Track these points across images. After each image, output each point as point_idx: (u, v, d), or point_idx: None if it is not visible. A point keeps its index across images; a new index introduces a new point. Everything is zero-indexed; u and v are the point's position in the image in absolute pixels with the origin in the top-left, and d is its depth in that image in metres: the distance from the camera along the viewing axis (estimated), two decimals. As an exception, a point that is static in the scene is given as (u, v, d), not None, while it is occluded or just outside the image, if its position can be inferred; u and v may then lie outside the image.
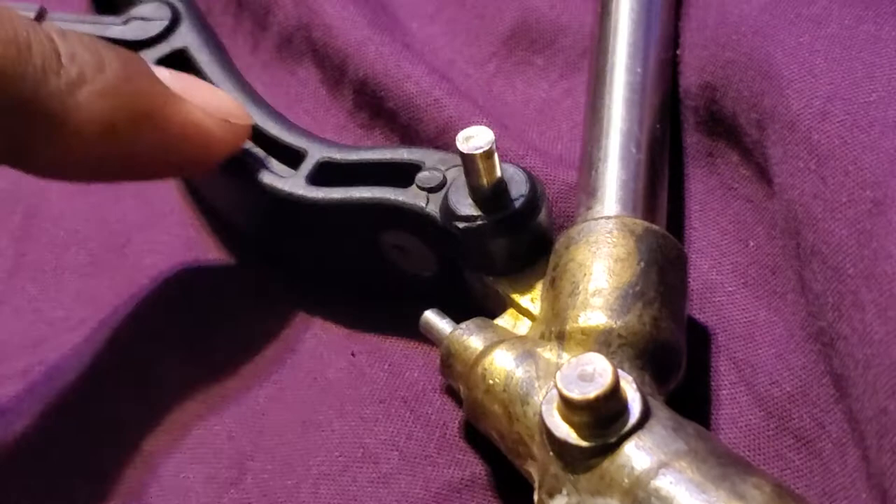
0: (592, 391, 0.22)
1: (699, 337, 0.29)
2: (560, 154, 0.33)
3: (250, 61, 0.39)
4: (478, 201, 0.28)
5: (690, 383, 0.27)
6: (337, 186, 0.30)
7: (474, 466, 0.28)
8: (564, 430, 0.23)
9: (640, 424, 0.23)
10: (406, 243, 0.30)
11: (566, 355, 0.25)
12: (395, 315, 0.31)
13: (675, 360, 0.26)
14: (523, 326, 0.28)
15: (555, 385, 0.23)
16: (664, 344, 0.25)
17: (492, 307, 0.29)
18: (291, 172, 0.31)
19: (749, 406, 0.27)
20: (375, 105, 0.35)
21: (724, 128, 0.31)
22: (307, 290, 0.33)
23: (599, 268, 0.26)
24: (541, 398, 0.24)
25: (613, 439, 0.23)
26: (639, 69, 0.31)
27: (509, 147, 0.32)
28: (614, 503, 0.22)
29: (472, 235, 0.28)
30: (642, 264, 0.26)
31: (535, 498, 0.24)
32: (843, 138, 0.26)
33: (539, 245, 0.28)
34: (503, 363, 0.26)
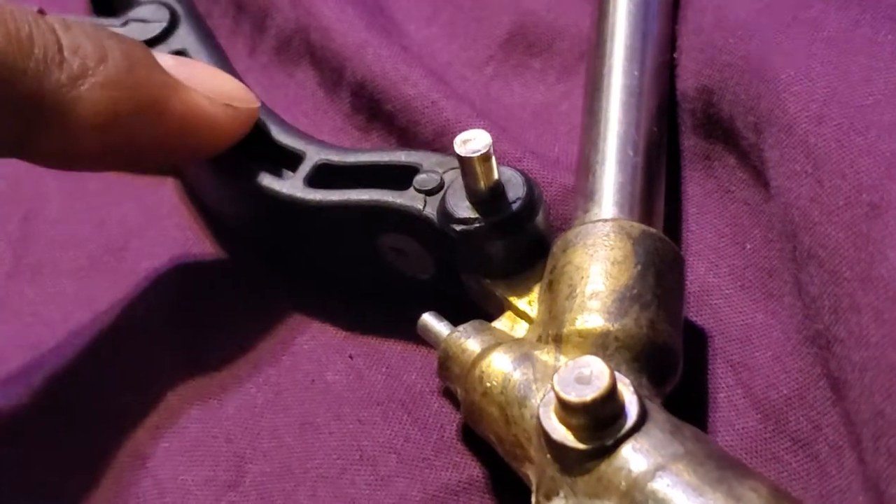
0: (589, 394, 0.22)
1: (696, 339, 0.29)
2: (557, 157, 0.33)
3: (249, 64, 0.39)
4: (475, 204, 0.28)
5: (687, 386, 0.27)
6: (335, 189, 0.30)
7: (472, 469, 0.28)
8: (562, 433, 0.23)
9: (637, 427, 0.23)
10: (404, 246, 0.30)
11: (563, 358, 0.25)
12: (393, 318, 0.31)
13: (672, 363, 0.26)
14: (521, 329, 0.28)
15: (552, 388, 0.23)
16: (661, 347, 0.25)
17: (489, 310, 0.29)
18: (289, 174, 0.31)
19: (746, 409, 0.27)
20: (373, 107, 0.35)
21: (721, 131, 0.31)
22: (305, 293, 0.33)
23: (596, 271, 0.26)
24: (538, 401, 0.24)
25: (610, 442, 0.23)
26: (636, 72, 0.31)
27: (507, 150, 0.32)
28: None
29: (470, 238, 0.28)
30: (639, 267, 0.26)
31: (533, 500, 0.24)
32: (840, 142, 0.26)
33: (536, 248, 0.28)
34: (501, 366, 0.26)
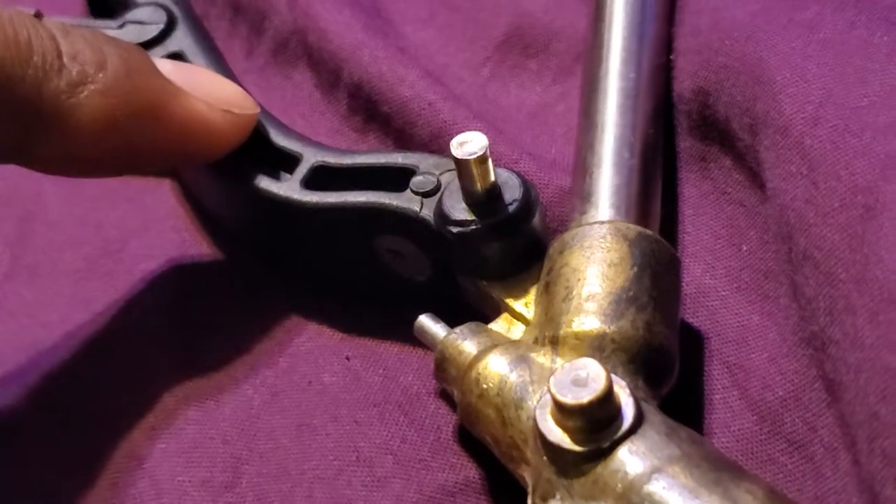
0: (586, 396, 0.22)
1: (692, 341, 0.29)
2: (554, 158, 0.33)
3: (246, 66, 0.39)
4: (472, 206, 0.28)
5: (683, 388, 0.27)
6: (331, 191, 0.30)
7: (468, 471, 0.28)
8: (558, 435, 0.23)
9: (634, 429, 0.23)
10: (400, 247, 0.30)
11: (560, 360, 0.25)
12: (390, 319, 0.31)
13: (669, 365, 0.26)
14: (517, 331, 0.28)
15: (548, 390, 0.23)
16: (657, 349, 0.25)
17: (486, 311, 0.29)
18: (286, 176, 0.31)
19: (742, 410, 0.27)
20: (370, 109, 0.35)
21: (718, 132, 0.31)
22: (302, 294, 0.33)
23: (593, 273, 0.26)
24: (535, 403, 0.24)
25: (607, 444, 0.23)
26: (632, 74, 0.31)
27: (503, 151, 0.32)
28: None
29: (466, 240, 0.28)
30: (636, 269, 0.26)
31: (529, 502, 0.24)
32: (835, 143, 0.26)
33: (533, 250, 0.28)
34: (497, 368, 0.26)
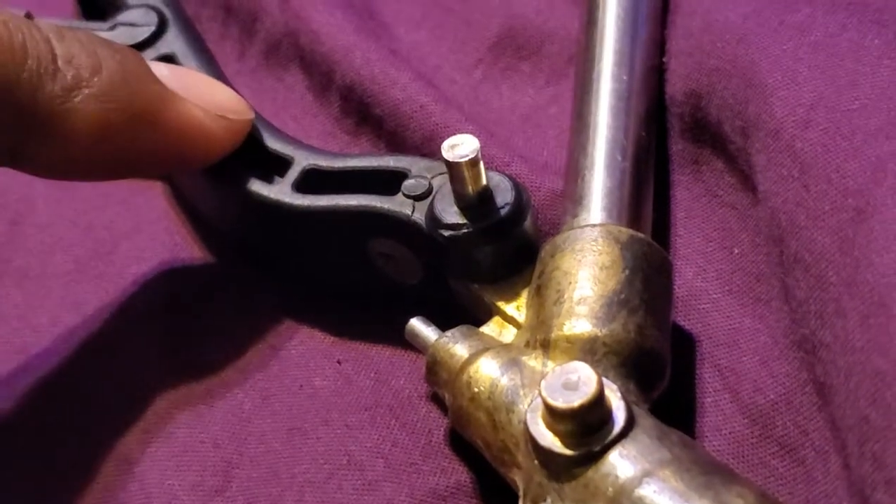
0: (577, 400, 0.22)
1: (684, 344, 0.29)
2: (546, 161, 0.33)
3: (238, 68, 0.39)
4: (463, 209, 0.28)
5: (675, 391, 0.27)
6: (323, 194, 0.30)
7: (459, 474, 0.28)
8: (549, 439, 0.23)
9: (625, 433, 0.23)
10: (392, 251, 0.30)
11: (551, 363, 0.25)
12: (382, 323, 0.31)
13: (660, 368, 0.26)
14: (509, 334, 0.28)
15: (539, 393, 0.23)
16: (649, 352, 0.25)
17: (477, 315, 0.29)
18: (278, 180, 0.31)
19: (733, 414, 0.27)
20: (362, 111, 0.35)
21: (710, 135, 0.32)
22: (294, 297, 0.33)
23: (584, 276, 0.26)
24: (526, 406, 0.24)
25: (598, 448, 0.23)
26: (625, 77, 0.31)
27: (495, 154, 0.32)
28: None
29: (458, 243, 0.28)
30: (627, 272, 0.26)
31: None
32: (826, 146, 0.26)
33: (525, 253, 0.28)
34: (488, 371, 0.26)
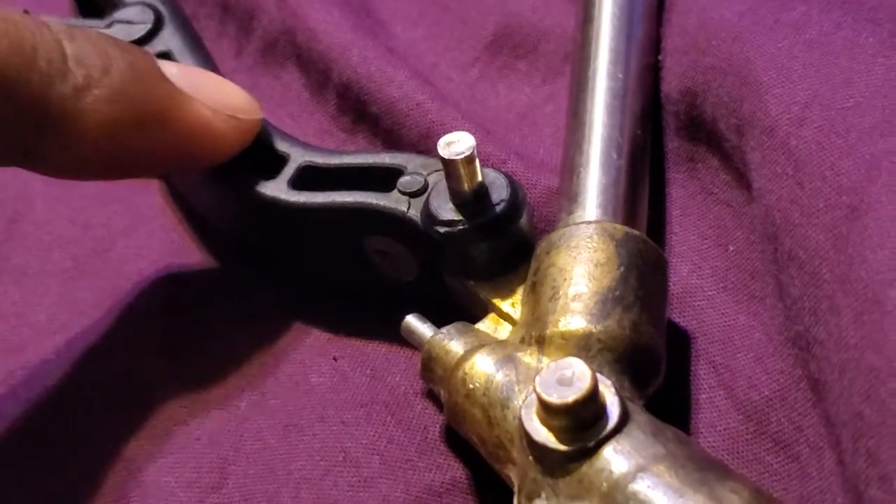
0: (571, 395, 0.22)
1: (679, 341, 0.29)
2: (542, 159, 0.34)
3: (234, 65, 0.39)
4: (459, 206, 0.28)
5: (670, 387, 0.27)
6: (319, 191, 0.30)
7: (455, 470, 0.28)
8: (543, 435, 0.23)
9: (619, 429, 0.23)
10: (388, 248, 0.30)
11: (546, 360, 0.25)
12: (378, 319, 0.31)
13: (655, 365, 0.26)
14: (504, 331, 0.28)
15: (534, 389, 0.23)
16: (643, 348, 0.26)
17: (473, 311, 0.29)
18: (274, 177, 0.31)
19: (728, 410, 0.27)
20: (358, 109, 0.35)
21: (705, 133, 0.32)
22: (290, 295, 0.33)
23: (580, 272, 0.26)
24: (520, 402, 0.24)
25: (592, 443, 0.23)
26: (620, 75, 0.31)
27: (491, 151, 0.32)
28: None
29: (454, 240, 0.28)
30: (622, 269, 0.26)
31: (515, 502, 0.24)
32: (821, 144, 0.27)
33: (520, 250, 0.28)
34: (483, 367, 0.26)
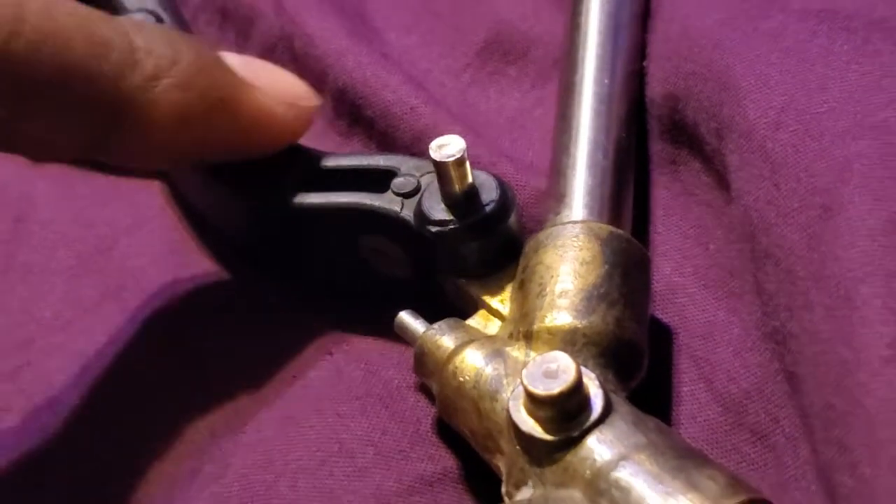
0: (556, 387, 0.23)
1: (661, 336, 0.30)
2: (531, 161, 0.34)
3: (233, 70, 0.40)
4: (450, 206, 0.29)
5: (653, 380, 0.27)
6: (316, 192, 0.30)
7: (446, 461, 0.28)
8: (530, 425, 0.24)
9: (602, 419, 0.24)
10: (382, 247, 0.31)
11: (533, 354, 0.26)
12: (372, 316, 0.31)
13: (637, 359, 0.27)
14: (493, 326, 0.28)
15: (521, 382, 0.24)
16: (627, 343, 0.26)
17: (464, 308, 0.29)
18: (272, 178, 0.31)
19: (708, 402, 0.28)
20: (354, 113, 0.36)
21: (687, 136, 0.32)
22: (288, 292, 0.33)
23: (566, 270, 0.27)
24: (509, 394, 0.25)
25: (576, 433, 0.23)
26: (606, 80, 0.31)
27: (482, 154, 0.33)
28: (577, 494, 0.23)
29: (445, 239, 0.29)
30: (607, 267, 0.27)
31: (503, 490, 0.25)
32: (796, 147, 0.27)
33: (509, 248, 0.29)
34: (473, 361, 0.26)
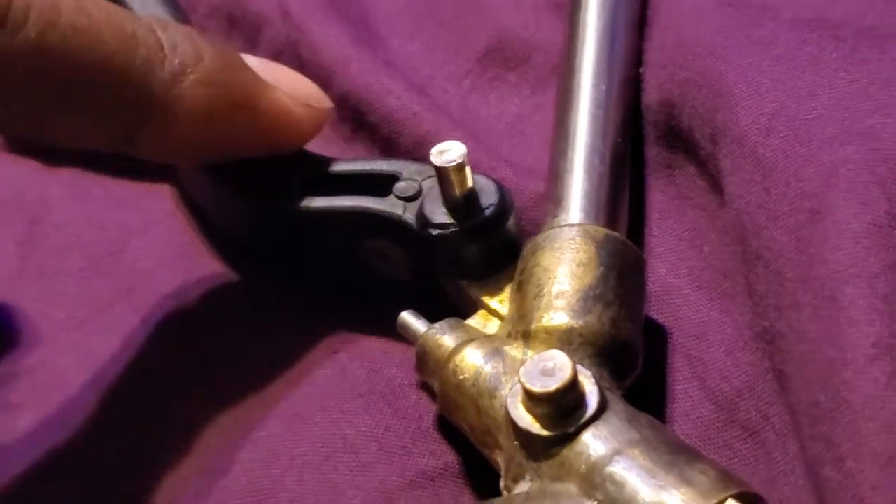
0: (553, 385, 0.23)
1: (656, 336, 0.30)
2: (530, 165, 0.34)
3: (240, 76, 0.40)
4: (451, 210, 0.29)
5: (647, 379, 0.28)
6: (320, 196, 0.31)
7: (447, 456, 0.29)
8: (527, 421, 0.24)
9: (597, 416, 0.24)
10: (385, 249, 0.31)
11: (531, 352, 0.26)
12: (375, 316, 0.32)
13: (632, 358, 0.27)
14: (493, 326, 0.29)
15: (518, 379, 0.24)
16: (622, 343, 0.27)
17: (464, 308, 0.30)
18: (277, 183, 0.32)
19: (700, 400, 0.28)
20: (357, 118, 0.36)
21: (682, 142, 0.33)
22: (294, 294, 0.34)
23: (563, 272, 0.27)
24: (507, 392, 0.25)
25: (572, 429, 0.24)
26: (603, 87, 0.32)
27: (482, 159, 0.33)
28: (573, 488, 0.23)
29: (446, 242, 0.29)
30: (603, 269, 0.27)
31: (502, 484, 0.25)
32: (786, 152, 0.28)
33: (508, 251, 0.29)
34: (473, 360, 0.27)
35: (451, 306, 0.30)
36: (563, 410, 0.24)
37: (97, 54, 0.25)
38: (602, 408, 0.24)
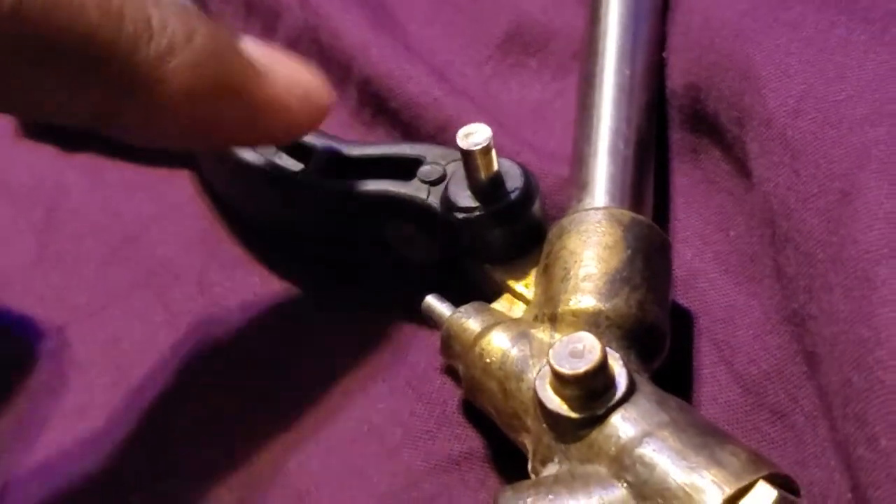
0: (582, 366, 0.24)
1: (683, 320, 0.30)
2: (553, 150, 0.34)
3: (258, 63, 0.40)
4: (476, 193, 0.29)
5: (674, 363, 0.28)
6: (345, 180, 0.31)
7: (472, 440, 0.29)
8: (556, 403, 0.24)
9: (626, 398, 0.24)
10: (410, 233, 0.31)
11: (558, 335, 0.26)
12: (399, 301, 0.32)
13: (659, 341, 0.27)
14: (518, 310, 0.29)
15: (547, 361, 0.24)
16: (649, 326, 0.27)
17: (488, 292, 0.30)
18: (301, 166, 0.32)
19: (728, 383, 0.28)
20: (378, 104, 0.36)
21: (707, 125, 0.33)
22: (317, 279, 0.34)
23: (589, 255, 0.27)
24: (534, 375, 0.25)
25: (601, 411, 0.24)
26: (627, 71, 0.32)
27: (505, 143, 0.33)
28: (602, 469, 0.23)
29: (471, 225, 0.29)
30: (629, 252, 0.27)
31: (529, 467, 0.25)
32: (815, 134, 0.27)
33: (533, 235, 0.30)
34: (499, 343, 0.27)
35: (476, 290, 0.30)
36: (593, 392, 0.24)
37: (79, 27, 0.24)
38: (631, 390, 0.24)
